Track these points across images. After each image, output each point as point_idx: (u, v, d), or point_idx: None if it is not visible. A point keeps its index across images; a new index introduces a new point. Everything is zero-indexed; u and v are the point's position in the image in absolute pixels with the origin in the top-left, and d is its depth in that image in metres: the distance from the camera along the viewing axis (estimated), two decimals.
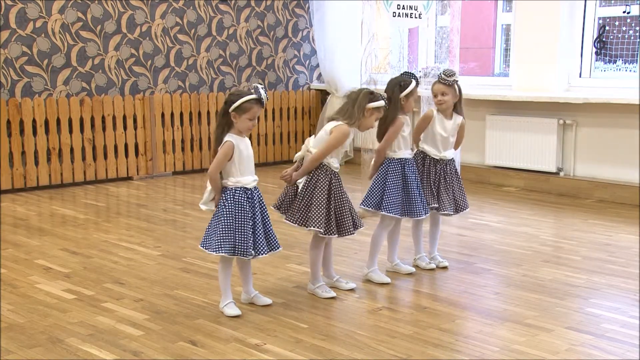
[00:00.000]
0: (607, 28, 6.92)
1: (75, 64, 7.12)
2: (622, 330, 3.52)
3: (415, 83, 4.18)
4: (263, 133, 8.47)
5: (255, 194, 3.68)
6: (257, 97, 3.59)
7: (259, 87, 3.63)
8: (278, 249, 3.78)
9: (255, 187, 3.70)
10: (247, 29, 8.26)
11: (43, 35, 6.89)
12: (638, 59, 6.80)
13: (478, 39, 8.83)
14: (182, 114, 7.81)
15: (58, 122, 6.98)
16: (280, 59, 8.62)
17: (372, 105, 3.88)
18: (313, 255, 4.00)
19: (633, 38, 6.92)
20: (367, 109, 3.88)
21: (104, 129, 7.29)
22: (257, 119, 3.68)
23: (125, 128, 7.43)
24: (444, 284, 4.25)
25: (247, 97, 3.57)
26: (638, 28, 6.90)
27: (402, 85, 4.15)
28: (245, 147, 3.66)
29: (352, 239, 4.59)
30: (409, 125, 4.25)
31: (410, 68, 6.36)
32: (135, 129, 7.51)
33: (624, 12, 6.83)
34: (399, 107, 4.13)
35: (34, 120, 6.84)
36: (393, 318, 3.69)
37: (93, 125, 7.22)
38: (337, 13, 8.24)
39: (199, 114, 7.94)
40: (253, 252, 3.63)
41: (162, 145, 7.69)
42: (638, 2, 6.73)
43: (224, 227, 3.58)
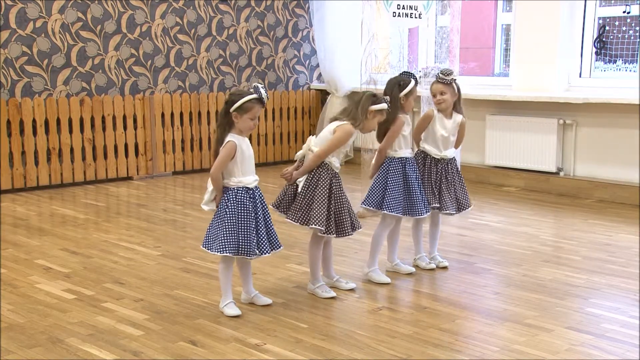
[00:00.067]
0: (607, 28, 6.92)
1: (75, 64, 7.12)
2: (622, 330, 3.52)
3: (415, 82, 4.19)
4: (263, 133, 8.48)
5: (257, 194, 3.68)
6: (258, 96, 3.59)
7: (259, 86, 3.63)
8: (280, 248, 3.79)
9: (257, 186, 3.70)
10: (247, 29, 8.27)
11: (43, 35, 6.89)
12: (638, 59, 6.80)
13: (478, 39, 8.82)
14: (182, 114, 7.81)
15: (58, 122, 6.98)
16: (280, 59, 8.62)
17: (374, 108, 3.89)
18: (312, 255, 4.00)
19: (633, 38, 6.92)
20: (369, 111, 3.89)
21: (104, 129, 7.29)
22: (257, 119, 3.68)
23: (125, 128, 7.44)
24: (444, 284, 4.25)
25: (248, 96, 3.58)
26: (638, 28, 6.90)
27: (401, 85, 4.16)
28: (247, 147, 3.66)
29: (352, 239, 4.59)
30: (410, 125, 4.26)
31: (410, 68, 6.34)
32: (135, 129, 7.51)
33: (624, 12, 6.83)
34: (399, 106, 4.14)
35: (34, 120, 6.84)
36: (393, 318, 3.69)
37: (93, 125, 7.22)
38: (337, 13, 8.24)
39: (199, 114, 7.94)
40: (257, 251, 3.64)
41: (162, 145, 7.69)
42: (638, 2, 6.73)
43: (227, 227, 3.58)
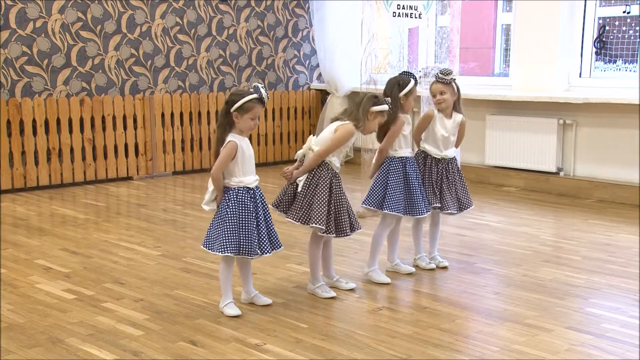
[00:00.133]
0: (607, 28, 6.92)
1: (75, 64, 7.12)
2: (622, 330, 3.52)
3: (414, 82, 4.19)
4: (263, 133, 8.48)
5: (258, 193, 3.69)
6: (258, 96, 3.59)
7: (260, 86, 3.63)
8: (280, 248, 3.79)
9: (257, 186, 3.70)
10: (247, 29, 8.26)
11: (43, 35, 6.89)
12: (638, 59, 6.80)
13: (478, 39, 8.82)
14: (182, 114, 7.81)
15: (58, 122, 6.98)
16: (280, 59, 8.62)
17: (375, 109, 3.90)
18: (312, 255, 4.00)
19: (633, 38, 6.92)
20: (370, 113, 3.89)
21: (104, 129, 7.29)
22: (258, 119, 3.68)
23: (125, 128, 7.43)
24: (444, 284, 4.25)
25: (249, 96, 3.57)
26: (638, 28, 6.90)
27: (400, 85, 4.16)
28: (247, 146, 3.66)
29: (352, 239, 4.59)
30: (410, 124, 4.27)
31: (410, 68, 6.34)
32: (135, 129, 7.51)
33: (624, 12, 6.83)
34: (399, 106, 4.14)
35: (34, 120, 6.84)
36: (393, 318, 3.69)
37: (93, 125, 7.22)
38: (337, 13, 8.24)
39: (199, 114, 7.94)
40: (259, 251, 3.64)
41: (162, 145, 7.69)
42: (638, 2, 6.73)
43: (229, 227, 3.58)
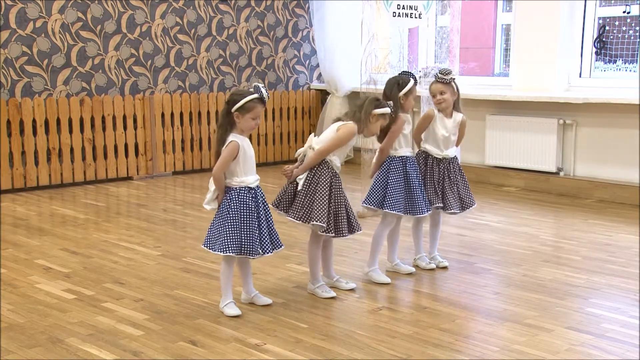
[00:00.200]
0: (607, 28, 6.92)
1: (75, 64, 7.12)
2: (622, 330, 3.52)
3: (414, 81, 4.19)
4: (263, 133, 8.48)
5: (259, 193, 3.69)
6: (259, 96, 3.59)
7: (260, 86, 3.63)
8: (281, 247, 3.79)
9: (258, 186, 3.70)
10: (247, 29, 8.26)
11: (43, 35, 6.89)
12: (638, 59, 6.80)
13: (478, 39, 8.82)
14: (182, 114, 7.81)
15: (58, 122, 6.98)
16: (280, 59, 8.62)
17: (377, 112, 3.90)
18: (312, 255, 4.00)
19: (633, 38, 6.91)
20: (372, 115, 3.90)
21: (104, 129, 7.29)
22: (258, 118, 3.68)
23: (125, 128, 7.43)
24: (444, 284, 4.25)
25: (250, 96, 3.57)
26: (638, 28, 6.90)
27: (400, 84, 4.17)
28: (248, 146, 3.66)
29: (352, 239, 4.59)
30: (410, 124, 4.27)
31: (410, 68, 6.34)
32: (135, 129, 7.51)
33: (624, 12, 6.83)
34: (399, 105, 4.15)
35: (34, 120, 6.84)
36: (393, 318, 3.69)
37: (93, 125, 7.22)
38: (337, 13, 8.24)
39: (199, 114, 7.93)
40: (260, 251, 3.64)
41: (162, 145, 7.69)
42: (638, 2, 6.73)
43: (231, 227, 3.58)
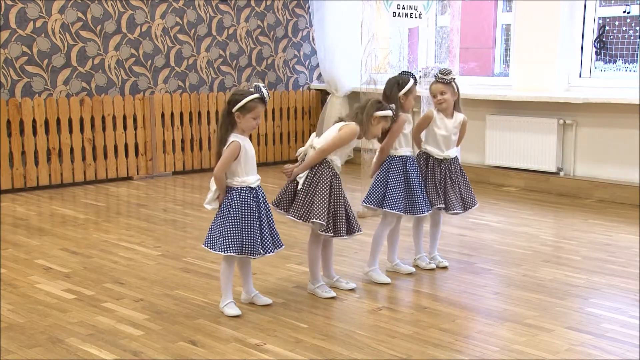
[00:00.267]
0: (607, 28, 6.92)
1: (75, 64, 7.12)
2: (622, 330, 3.52)
3: (414, 81, 4.20)
4: (263, 133, 8.48)
5: (260, 193, 3.69)
6: (260, 96, 3.59)
7: (261, 85, 3.63)
8: (282, 247, 3.79)
9: (259, 186, 3.70)
10: (247, 29, 8.27)
11: (43, 35, 6.89)
12: (638, 59, 6.80)
13: (478, 39, 8.82)
14: (182, 114, 7.81)
15: (58, 122, 6.98)
16: (280, 59, 8.62)
17: (379, 114, 3.91)
18: (311, 255, 4.00)
19: (633, 38, 6.92)
20: (374, 117, 3.91)
21: (104, 129, 7.29)
22: (259, 118, 3.68)
23: (125, 128, 7.43)
24: (444, 284, 4.25)
25: (250, 96, 3.57)
26: (638, 28, 6.90)
27: (400, 84, 4.17)
28: (249, 146, 3.66)
29: (352, 239, 4.58)
30: (410, 123, 4.28)
31: (410, 68, 6.34)
32: (135, 129, 7.51)
33: (624, 12, 6.83)
34: (399, 105, 4.15)
35: (34, 120, 6.84)
36: (393, 318, 3.69)
37: (93, 125, 7.22)
38: (337, 13, 8.24)
39: (199, 114, 7.93)
40: (261, 251, 3.64)
41: (162, 145, 7.69)
42: (638, 2, 6.73)
43: (232, 227, 3.58)
